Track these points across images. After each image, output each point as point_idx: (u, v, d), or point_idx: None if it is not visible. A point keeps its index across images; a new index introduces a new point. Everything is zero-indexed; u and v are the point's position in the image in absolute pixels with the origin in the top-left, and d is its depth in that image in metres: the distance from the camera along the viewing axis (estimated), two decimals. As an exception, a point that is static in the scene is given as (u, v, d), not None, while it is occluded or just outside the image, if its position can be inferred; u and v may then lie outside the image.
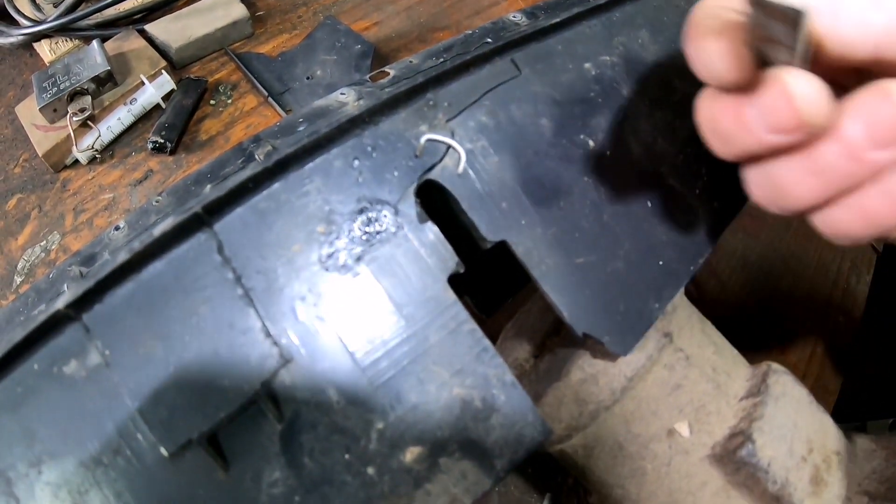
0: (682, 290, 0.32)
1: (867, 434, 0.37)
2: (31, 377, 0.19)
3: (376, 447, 0.19)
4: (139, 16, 0.63)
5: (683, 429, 0.29)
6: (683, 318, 0.31)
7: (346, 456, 0.19)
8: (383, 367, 0.20)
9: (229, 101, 0.58)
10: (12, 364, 0.19)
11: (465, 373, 0.20)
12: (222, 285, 0.19)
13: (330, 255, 0.20)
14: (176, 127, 0.54)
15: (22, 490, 0.19)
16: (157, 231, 0.18)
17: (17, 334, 0.19)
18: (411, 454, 0.19)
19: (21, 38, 0.62)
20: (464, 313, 0.21)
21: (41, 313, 0.19)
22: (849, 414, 0.58)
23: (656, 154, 0.29)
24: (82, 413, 0.19)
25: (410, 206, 0.21)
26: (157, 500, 0.18)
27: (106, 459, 0.19)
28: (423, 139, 0.21)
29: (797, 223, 0.75)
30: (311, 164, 0.20)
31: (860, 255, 0.75)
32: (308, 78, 0.57)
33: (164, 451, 0.18)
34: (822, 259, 0.73)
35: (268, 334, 0.19)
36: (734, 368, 0.33)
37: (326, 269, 0.20)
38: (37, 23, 0.61)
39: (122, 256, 0.18)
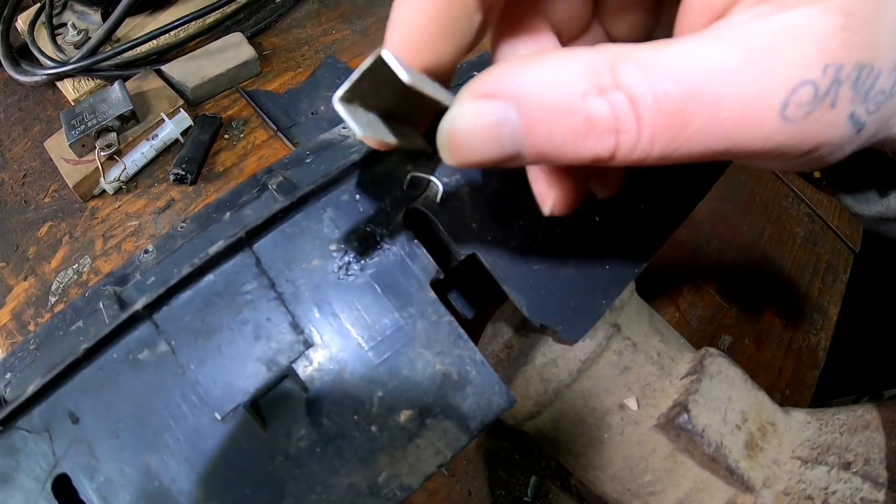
0: (631, 287, 0.38)
1: (802, 408, 0.42)
2: (110, 363, 0.25)
3: (378, 410, 0.25)
4: (155, 56, 0.69)
5: (632, 403, 0.35)
6: (632, 312, 0.37)
7: (355, 417, 0.25)
8: (382, 350, 0.26)
9: (242, 136, 0.64)
10: (95, 355, 0.25)
11: (444, 353, 0.26)
12: (260, 291, 0.25)
13: (340, 268, 0.26)
14: (195, 160, 0.59)
15: (101, 451, 0.25)
16: (212, 250, 0.24)
17: (102, 330, 0.25)
18: (405, 416, 0.25)
19: (45, 77, 0.67)
20: (442, 309, 0.27)
21: (121, 314, 0.25)
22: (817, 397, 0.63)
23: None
24: (152, 389, 0.25)
25: (401, 229, 0.27)
26: (211, 453, 0.24)
27: (172, 423, 0.24)
28: (408, 176, 0.28)
29: (771, 229, 0.80)
30: (324, 199, 0.26)
31: (837, 255, 0.79)
32: (313, 113, 0.63)
33: (217, 415, 0.24)
34: (797, 260, 0.76)
35: (295, 327, 0.25)
36: (679, 354, 0.39)
37: (338, 279, 0.26)
38: (61, 63, 0.65)
39: (185, 270, 0.24)
